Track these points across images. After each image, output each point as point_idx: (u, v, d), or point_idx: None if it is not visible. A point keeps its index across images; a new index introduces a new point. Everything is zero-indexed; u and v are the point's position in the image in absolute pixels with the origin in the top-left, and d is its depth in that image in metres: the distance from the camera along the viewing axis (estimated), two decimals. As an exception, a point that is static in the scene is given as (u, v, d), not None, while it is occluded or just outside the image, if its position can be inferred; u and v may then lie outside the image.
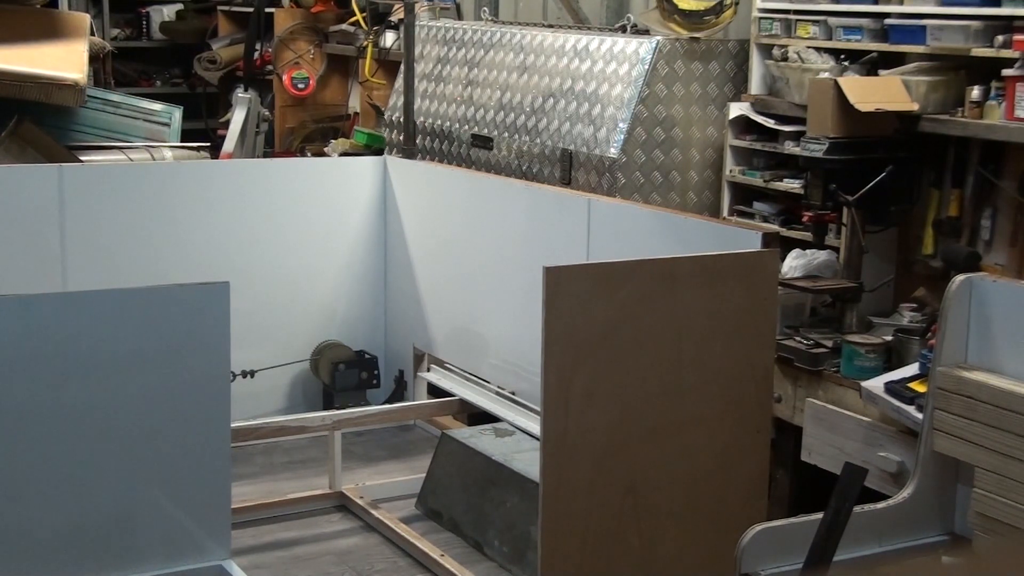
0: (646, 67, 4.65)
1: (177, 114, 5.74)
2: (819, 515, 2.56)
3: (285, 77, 7.07)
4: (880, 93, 4.03)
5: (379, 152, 5.69)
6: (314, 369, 4.91)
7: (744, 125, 4.67)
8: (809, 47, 4.36)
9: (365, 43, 6.52)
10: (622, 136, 4.65)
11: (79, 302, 3.00)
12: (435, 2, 6.08)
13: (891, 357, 3.80)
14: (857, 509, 2.67)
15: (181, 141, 5.68)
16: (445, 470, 4.12)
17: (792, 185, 4.44)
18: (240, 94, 6.56)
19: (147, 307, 3.02)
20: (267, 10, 7.19)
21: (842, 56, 4.30)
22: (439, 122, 5.12)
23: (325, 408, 4.79)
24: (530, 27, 5.40)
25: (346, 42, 6.93)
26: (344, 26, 6.96)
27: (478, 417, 4.55)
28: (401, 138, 5.21)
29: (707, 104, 4.76)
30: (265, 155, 6.55)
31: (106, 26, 8.19)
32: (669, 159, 4.72)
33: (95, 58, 5.50)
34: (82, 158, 5.02)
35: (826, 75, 4.16)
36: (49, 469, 2.92)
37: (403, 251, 4.86)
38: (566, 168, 4.81)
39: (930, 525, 3.01)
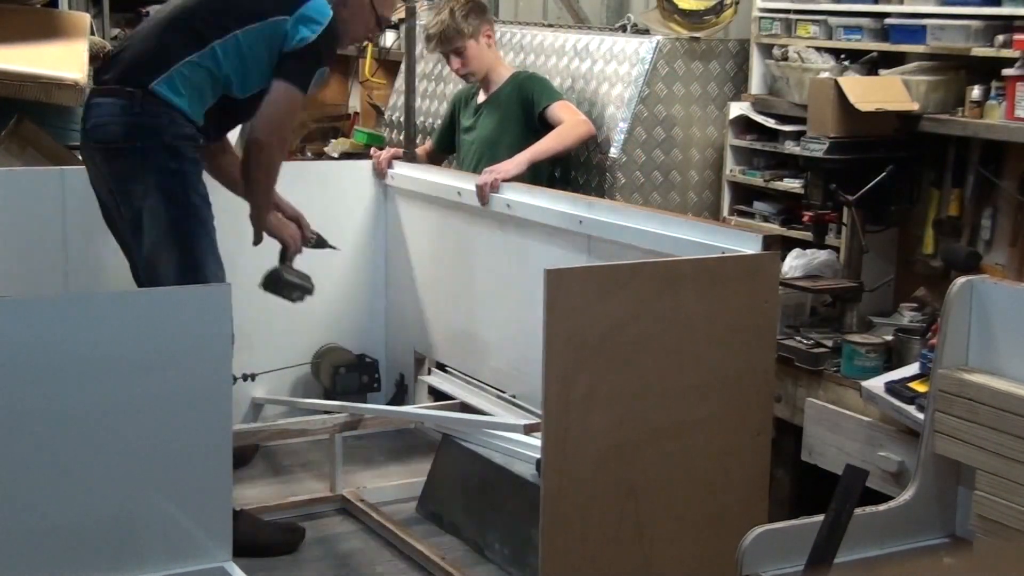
0: (646, 67, 4.65)
1: (177, 114, 5.72)
2: (820, 517, 2.57)
3: (284, 77, 7.04)
4: (880, 93, 4.03)
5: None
6: (315, 373, 4.90)
7: (744, 125, 4.67)
8: (809, 47, 4.36)
9: (365, 43, 6.50)
10: (622, 136, 4.64)
11: (80, 304, 2.99)
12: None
13: (891, 357, 3.81)
14: (858, 511, 2.68)
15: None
16: (446, 473, 4.12)
17: (792, 185, 4.44)
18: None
19: (148, 310, 3.01)
20: (267, 10, 7.17)
21: (842, 56, 4.30)
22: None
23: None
24: (530, 27, 5.40)
25: (346, 42, 6.91)
26: (344, 26, 6.94)
27: (479, 420, 4.55)
28: (402, 138, 5.20)
29: (707, 104, 4.76)
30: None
31: (106, 26, 8.17)
32: (669, 159, 4.72)
33: (95, 58, 5.48)
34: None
35: (826, 75, 4.16)
36: (50, 471, 2.92)
37: (404, 254, 4.85)
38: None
39: (931, 527, 3.02)
